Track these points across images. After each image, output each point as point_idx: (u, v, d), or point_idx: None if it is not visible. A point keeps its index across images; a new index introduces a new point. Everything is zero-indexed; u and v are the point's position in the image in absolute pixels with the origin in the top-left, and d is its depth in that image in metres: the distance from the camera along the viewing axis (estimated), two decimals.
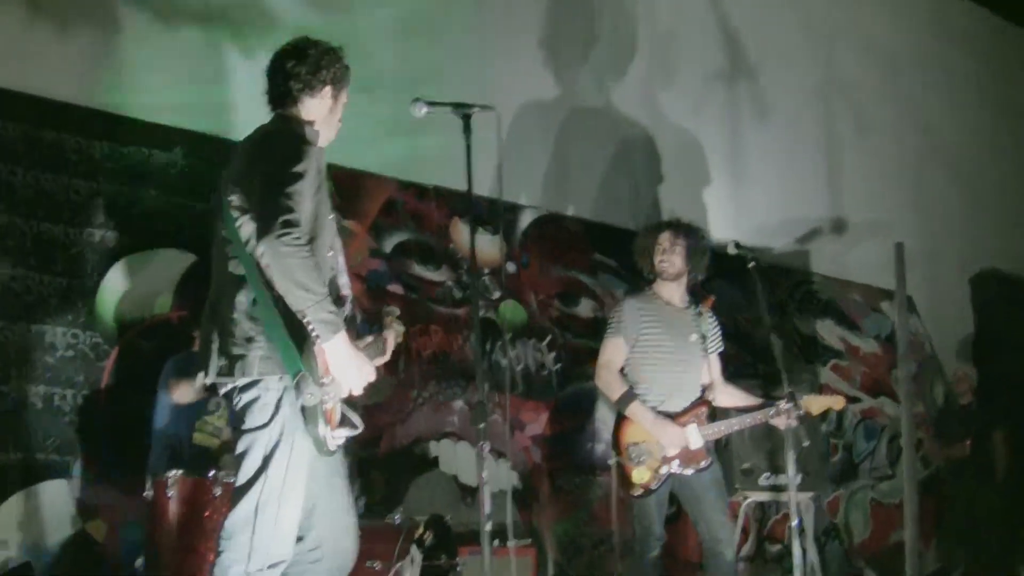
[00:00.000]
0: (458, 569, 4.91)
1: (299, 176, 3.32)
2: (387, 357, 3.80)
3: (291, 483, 3.31)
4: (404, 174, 6.75)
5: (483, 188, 3.58)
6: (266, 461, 3.31)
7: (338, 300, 3.51)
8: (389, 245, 6.69)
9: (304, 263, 3.20)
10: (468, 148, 3.61)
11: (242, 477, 3.34)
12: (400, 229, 6.74)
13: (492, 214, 6.56)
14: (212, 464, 4.74)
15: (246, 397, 3.37)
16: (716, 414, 5.37)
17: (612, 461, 5.17)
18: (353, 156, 6.19)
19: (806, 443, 5.28)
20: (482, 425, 3.43)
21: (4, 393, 5.11)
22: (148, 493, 4.35)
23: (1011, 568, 8.10)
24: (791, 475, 4.84)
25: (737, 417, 5.25)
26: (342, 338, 3.30)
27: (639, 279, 5.66)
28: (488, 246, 6.97)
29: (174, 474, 4.34)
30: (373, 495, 6.09)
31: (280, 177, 3.31)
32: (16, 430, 5.10)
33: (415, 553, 4.64)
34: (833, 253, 9.15)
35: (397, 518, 4.85)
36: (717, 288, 7.92)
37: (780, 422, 5.11)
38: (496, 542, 3.69)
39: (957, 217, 10.17)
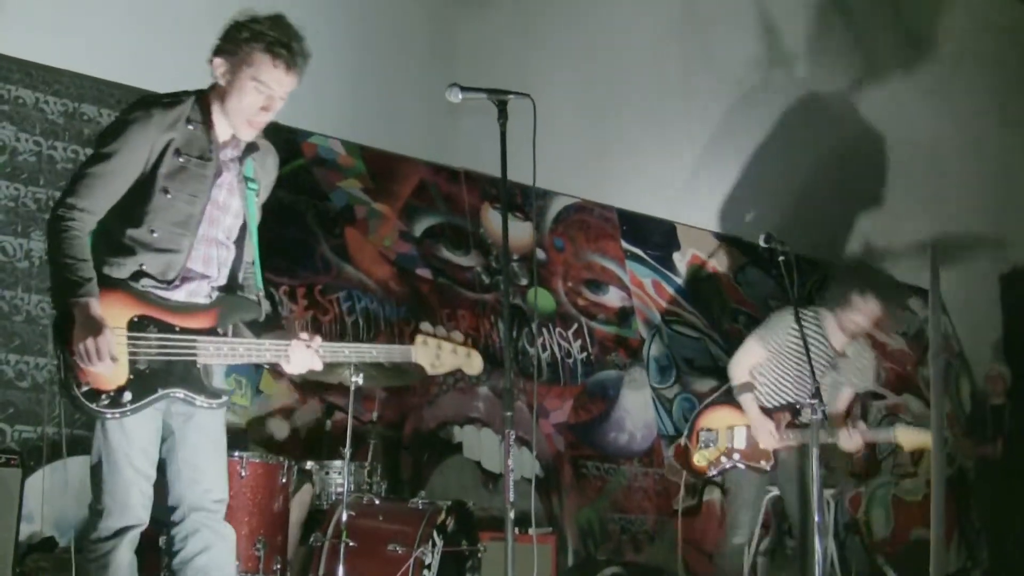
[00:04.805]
0: (479, 555, 4.90)
1: (105, 156, 3.12)
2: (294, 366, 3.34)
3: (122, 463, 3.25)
4: (437, 157, 6.74)
5: (515, 175, 3.55)
6: None
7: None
8: (419, 229, 6.68)
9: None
10: (503, 135, 3.57)
11: None
12: (431, 212, 6.73)
13: (524, 201, 6.53)
14: (238, 443, 4.72)
15: None
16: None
17: (683, 441, 5.37)
18: (386, 138, 6.16)
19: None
20: (509, 413, 3.40)
21: (33, 368, 5.14)
22: None
23: None
24: (814, 471, 4.80)
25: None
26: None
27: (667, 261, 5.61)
28: (519, 232, 6.95)
29: None
30: (397, 478, 6.10)
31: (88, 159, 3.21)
32: (42, 406, 5.13)
33: (436, 538, 4.63)
34: (861, 248, 9.09)
35: (420, 502, 4.84)
36: (750, 277, 7.90)
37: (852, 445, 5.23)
38: (518, 529, 3.68)
39: (991, 216, 10.04)
